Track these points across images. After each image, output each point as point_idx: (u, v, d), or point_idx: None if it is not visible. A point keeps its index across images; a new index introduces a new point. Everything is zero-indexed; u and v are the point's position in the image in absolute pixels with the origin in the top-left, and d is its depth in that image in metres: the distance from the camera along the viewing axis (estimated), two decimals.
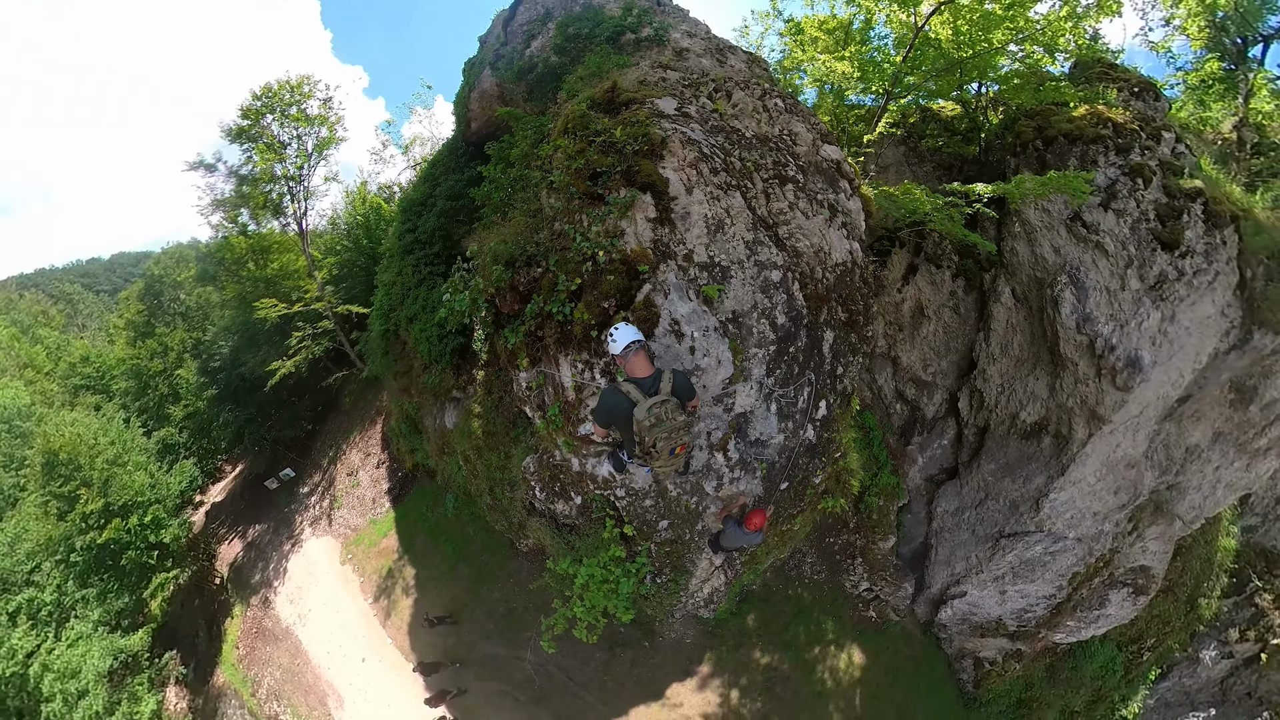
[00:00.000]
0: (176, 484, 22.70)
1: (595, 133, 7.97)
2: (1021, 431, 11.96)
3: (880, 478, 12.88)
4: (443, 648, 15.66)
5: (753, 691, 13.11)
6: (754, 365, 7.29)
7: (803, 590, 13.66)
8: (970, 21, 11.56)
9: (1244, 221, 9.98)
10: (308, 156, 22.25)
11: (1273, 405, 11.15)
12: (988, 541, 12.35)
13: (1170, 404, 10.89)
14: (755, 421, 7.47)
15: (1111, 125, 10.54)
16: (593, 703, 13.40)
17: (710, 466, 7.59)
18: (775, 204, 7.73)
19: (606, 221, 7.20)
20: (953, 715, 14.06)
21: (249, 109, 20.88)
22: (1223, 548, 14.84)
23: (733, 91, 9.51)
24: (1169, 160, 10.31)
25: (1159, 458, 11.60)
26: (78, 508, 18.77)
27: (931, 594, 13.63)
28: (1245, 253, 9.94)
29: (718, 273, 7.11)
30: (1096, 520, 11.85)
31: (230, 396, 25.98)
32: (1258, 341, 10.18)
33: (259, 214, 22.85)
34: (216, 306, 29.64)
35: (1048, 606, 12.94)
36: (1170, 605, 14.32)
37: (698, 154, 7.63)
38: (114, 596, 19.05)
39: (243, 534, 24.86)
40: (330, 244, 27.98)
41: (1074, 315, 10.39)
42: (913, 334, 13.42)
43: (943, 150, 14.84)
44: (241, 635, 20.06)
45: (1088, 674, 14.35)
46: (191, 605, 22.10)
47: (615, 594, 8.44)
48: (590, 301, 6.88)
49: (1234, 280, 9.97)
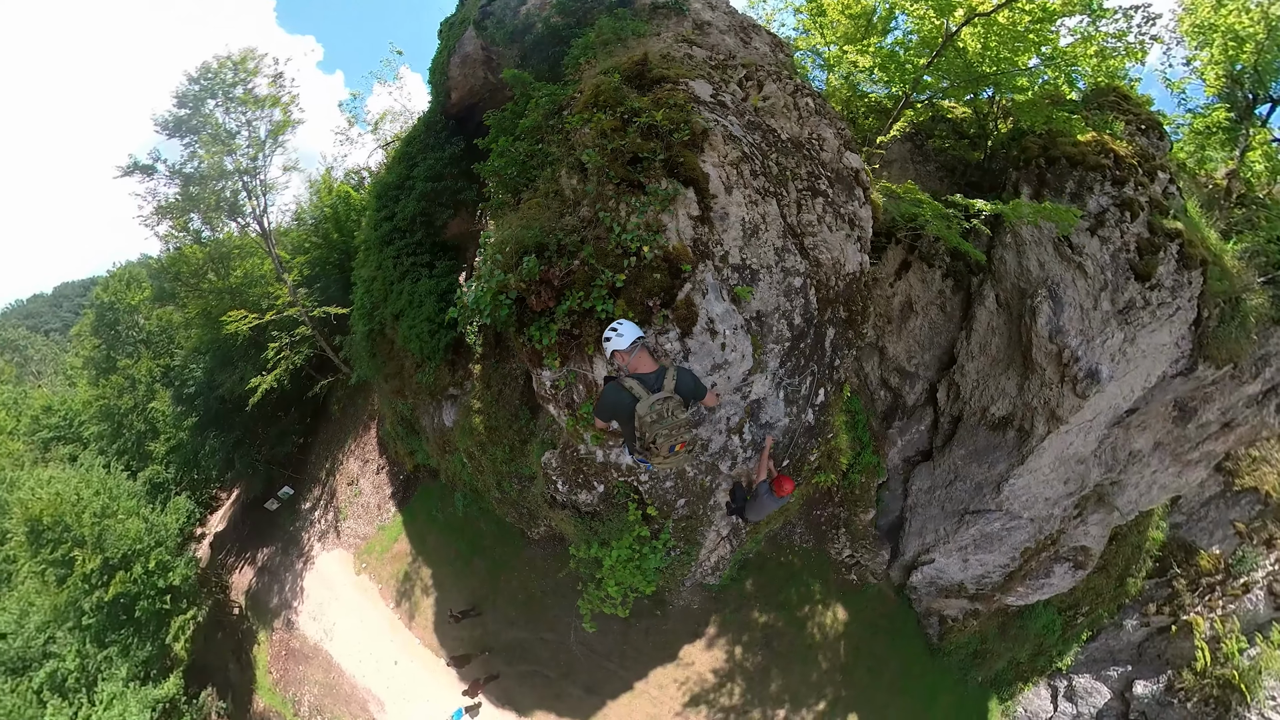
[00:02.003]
0: (173, 522, 20.93)
1: (633, 111, 7.47)
2: (990, 423, 13.21)
3: (863, 457, 14.15)
4: (470, 639, 16.19)
5: (753, 647, 14.91)
6: (770, 359, 8.08)
7: (793, 557, 15.25)
8: (1000, 39, 11.57)
9: (1211, 267, 11.00)
10: (261, 145, 19.12)
11: (1207, 426, 12.74)
12: (954, 517, 13.83)
13: (1120, 413, 12.23)
14: (767, 407, 8.43)
15: (1113, 156, 11.24)
16: (615, 669, 14.88)
17: (727, 448, 8.31)
18: (805, 215, 8.35)
19: (647, 214, 6.91)
20: (921, 664, 16.03)
21: (186, 95, 17.72)
22: (1152, 538, 16.65)
23: (764, 82, 9.38)
24: (1158, 199, 11.15)
25: (1106, 457, 13.06)
26: (76, 569, 17.47)
27: (905, 560, 15.24)
28: (1206, 294, 11.02)
29: (748, 275, 7.60)
30: (1048, 504, 13.41)
31: (212, 422, 23.99)
32: (1201, 372, 11.58)
33: (212, 217, 19.98)
34: (180, 327, 26.44)
35: (1002, 574, 14.63)
36: (1103, 580, 16.17)
37: (740, 154, 7.67)
38: (136, 649, 18.01)
39: (252, 560, 23.92)
40: (298, 242, 25.00)
41: (1048, 326, 11.46)
42: (900, 327, 14.31)
43: (948, 152, 14.90)
44: (272, 660, 19.78)
45: (1032, 632, 16.33)
46: (215, 639, 21.24)
47: (641, 570, 8.87)
48: (633, 299, 6.70)
49: (1191, 316, 11.12)
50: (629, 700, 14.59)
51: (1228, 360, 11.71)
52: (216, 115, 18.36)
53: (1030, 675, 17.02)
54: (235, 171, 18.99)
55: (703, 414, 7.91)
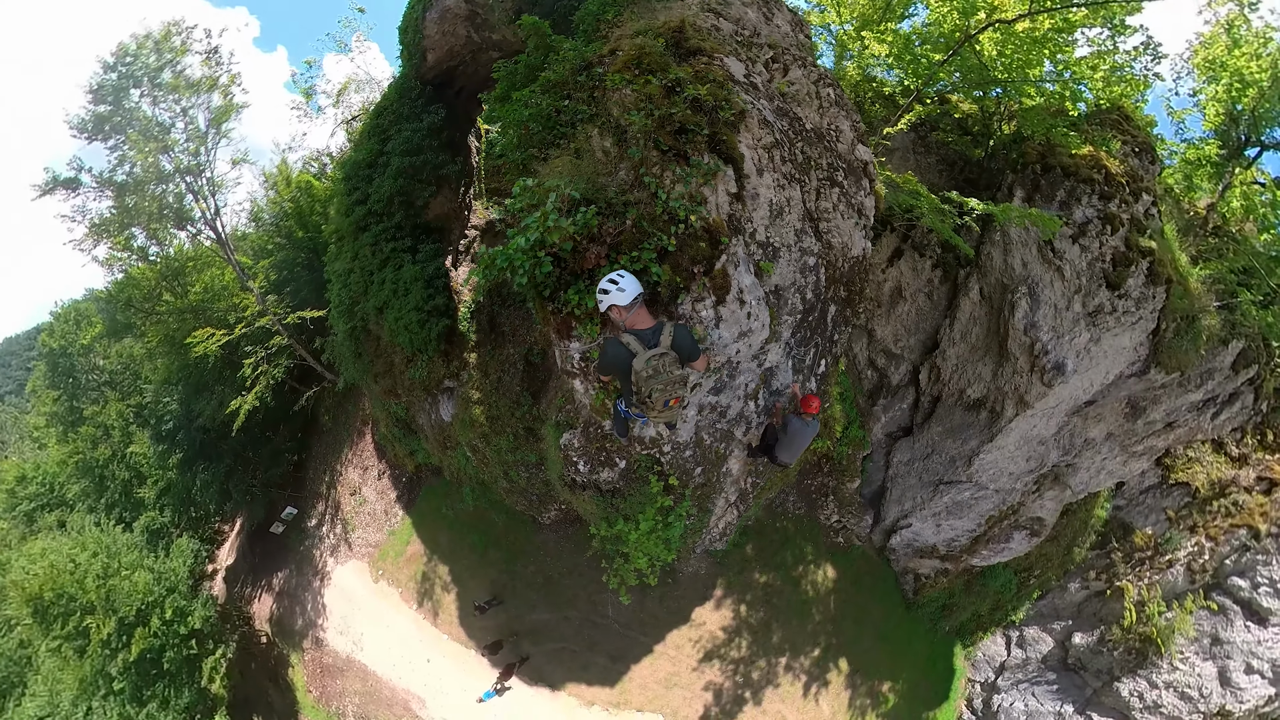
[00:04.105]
0: (181, 566, 19.88)
1: (678, 82, 7.41)
2: (965, 404, 14.41)
3: (850, 431, 15.31)
4: (496, 627, 16.69)
5: (756, 605, 16.43)
6: (784, 330, 8.90)
7: (787, 523, 16.65)
8: (1017, 48, 11.91)
9: (1176, 286, 12.10)
10: (202, 137, 16.29)
11: (1153, 423, 14.17)
12: (930, 486, 15.19)
13: (1080, 404, 13.53)
14: (778, 374, 9.33)
15: (1104, 173, 12.02)
16: (636, 636, 16.10)
17: (743, 415, 8.97)
18: (823, 203, 9.16)
19: (691, 184, 6.94)
20: (898, 615, 17.96)
21: (104, 87, 14.78)
22: (1097, 515, 18.44)
23: (790, 67, 9.59)
24: (1139, 218, 12.08)
25: (1064, 441, 14.43)
26: (93, 637, 16.73)
27: (885, 525, 16.76)
28: (1168, 309, 12.17)
29: (771, 252, 8.19)
30: (1011, 479, 14.82)
31: (199, 455, 22.19)
32: (1152, 376, 12.90)
33: (157, 228, 17.28)
34: (144, 359, 24.11)
35: (969, 538, 16.21)
36: (1053, 548, 18.02)
37: (773, 140, 7.92)
38: (175, 698, 17.52)
39: (268, 586, 23.31)
40: (259, 245, 22.81)
41: (1024, 320, 12.52)
42: (889, 311, 15.12)
43: (950, 146, 15.07)
44: (309, 679, 19.75)
45: (992, 589, 18.27)
46: (250, 671, 20.70)
47: (665, 540, 9.16)
48: (679, 264, 6.74)
49: (1151, 326, 12.31)
50: (650, 662, 15.91)
51: (1177, 369, 12.92)
52: (143, 108, 15.40)
53: (989, 625, 19.31)
54: (175, 172, 16.20)
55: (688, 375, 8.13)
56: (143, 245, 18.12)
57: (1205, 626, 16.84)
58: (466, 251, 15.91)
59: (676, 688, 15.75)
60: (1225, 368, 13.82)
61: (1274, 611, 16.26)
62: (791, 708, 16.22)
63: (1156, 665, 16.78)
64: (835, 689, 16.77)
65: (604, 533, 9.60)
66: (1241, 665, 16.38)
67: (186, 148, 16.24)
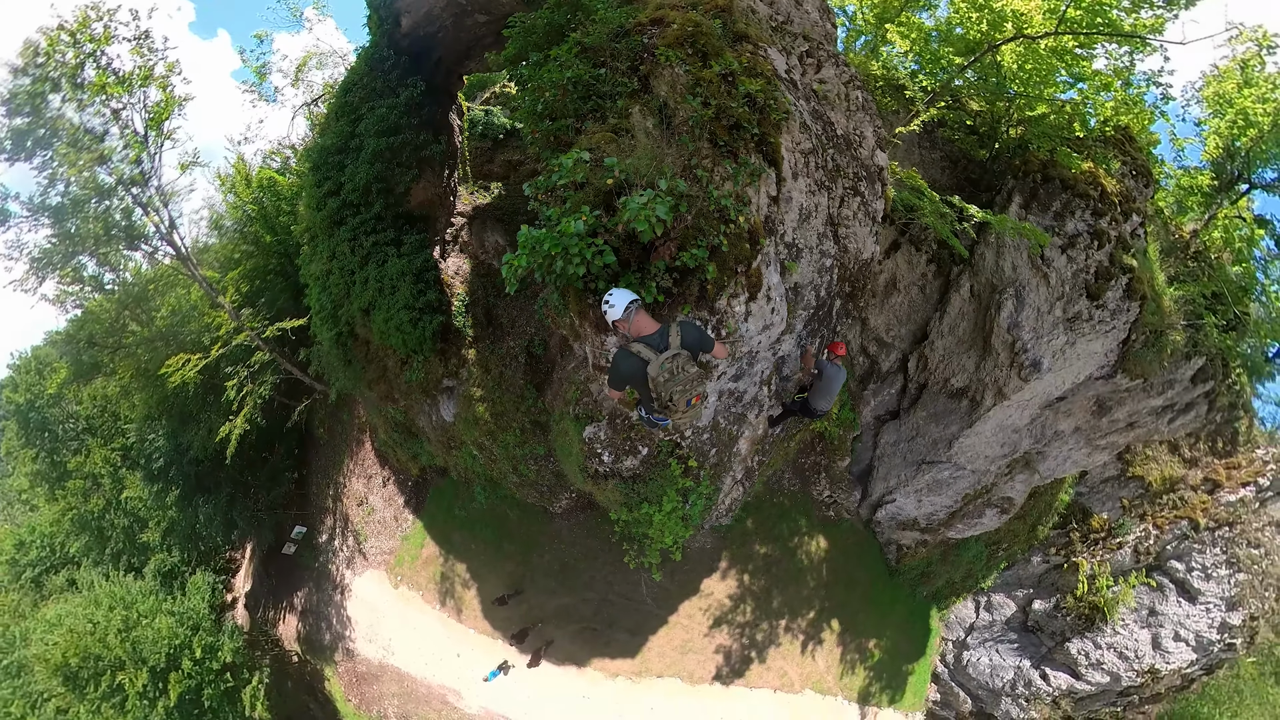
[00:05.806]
0: (200, 602, 19.43)
1: (731, 74, 7.17)
2: (949, 392, 15.37)
3: (842, 414, 16.31)
4: (519, 616, 17.18)
5: (758, 574, 17.78)
6: (798, 322, 9.69)
7: (783, 498, 17.89)
8: (1036, 64, 11.97)
9: (1149, 302, 12.96)
10: (142, 142, 14.10)
11: (1116, 422, 15.35)
12: (913, 466, 16.36)
13: (1052, 399, 14.62)
14: (789, 361, 10.28)
15: (1100, 190, 12.57)
16: (652, 610, 17.14)
17: (756, 399, 9.78)
18: (844, 210, 9.81)
19: (739, 183, 6.82)
20: (882, 581, 19.66)
21: (17, 95, 12.49)
22: (1060, 499, 20.02)
23: (823, 64, 9.65)
24: (1125, 236, 12.79)
25: (1036, 431, 15.61)
26: (129, 691, 16.47)
27: (872, 500, 18.03)
28: (1139, 322, 13.08)
29: (795, 252, 8.69)
30: (986, 461, 16.02)
31: (195, 489, 21.14)
32: (1119, 380, 14.00)
33: (106, 253, 15.22)
34: (119, 398, 22.06)
35: (947, 513, 17.57)
36: (1020, 525, 19.65)
37: (810, 145, 8.06)
38: None
39: (290, 607, 22.95)
40: (224, 255, 20.57)
41: (1008, 319, 13.38)
42: (883, 302, 15.57)
43: (956, 145, 14.93)
44: (346, 690, 19.78)
45: (965, 559, 19.92)
46: (287, 691, 20.72)
47: (685, 518, 9.54)
48: (724, 262, 6.66)
49: (1122, 336, 13.26)
50: (665, 633, 17.11)
51: (1141, 376, 13.97)
52: (68, 114, 13.15)
53: (961, 591, 21.30)
54: (117, 184, 14.15)
55: (713, 364, 7.80)
56: (95, 274, 16.09)
57: (1145, 600, 18.90)
58: (455, 240, 15.15)
59: (691, 653, 17.07)
60: (1185, 380, 14.90)
61: (1202, 592, 18.34)
62: (791, 663, 17.87)
63: (1101, 630, 18.93)
64: (828, 646, 18.51)
65: (625, 518, 9.85)
66: (1171, 634, 18.48)
67: (125, 155, 14.03)
